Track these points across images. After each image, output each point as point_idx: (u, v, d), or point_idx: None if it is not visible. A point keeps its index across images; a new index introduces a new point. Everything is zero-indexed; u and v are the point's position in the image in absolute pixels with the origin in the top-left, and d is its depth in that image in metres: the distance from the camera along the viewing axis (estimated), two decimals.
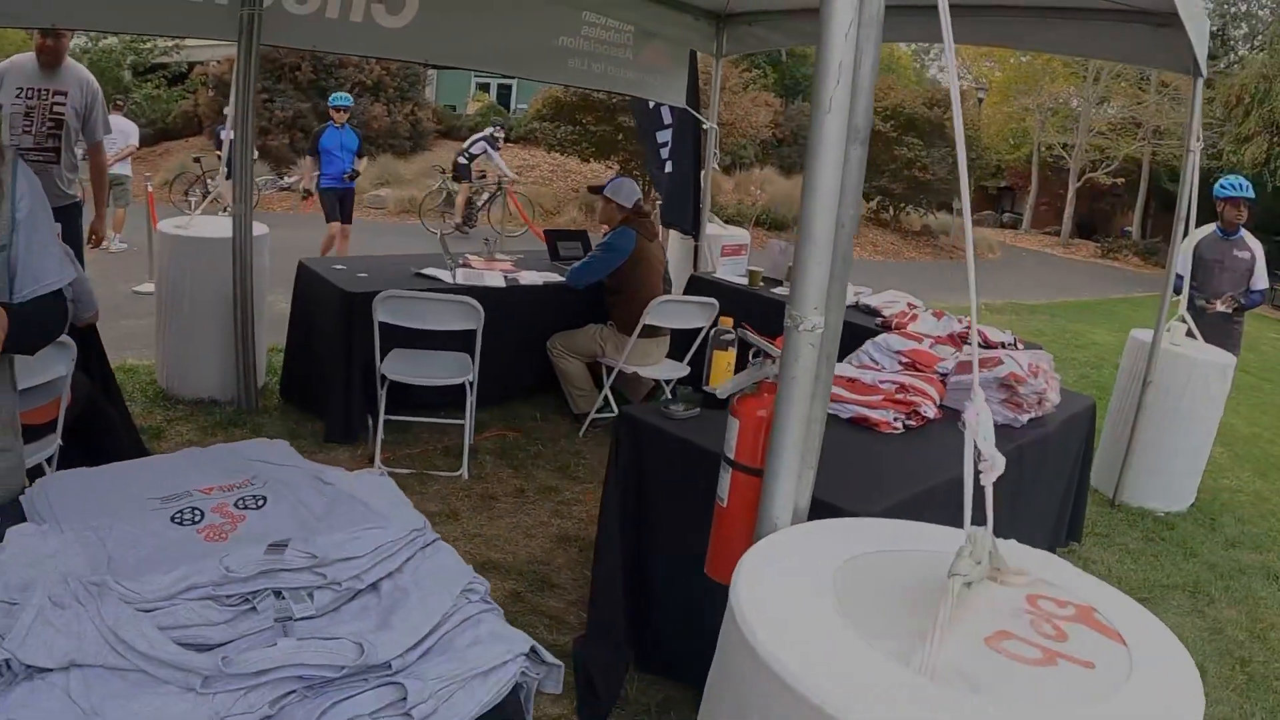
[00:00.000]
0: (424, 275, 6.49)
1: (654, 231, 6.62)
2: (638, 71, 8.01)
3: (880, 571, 1.87)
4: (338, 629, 1.61)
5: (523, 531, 4.97)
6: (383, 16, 6.41)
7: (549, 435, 6.42)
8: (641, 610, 3.71)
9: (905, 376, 4.05)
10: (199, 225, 6.68)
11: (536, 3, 6.91)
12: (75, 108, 5.87)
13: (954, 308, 6.33)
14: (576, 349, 6.55)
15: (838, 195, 1.91)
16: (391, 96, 25.71)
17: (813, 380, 1.99)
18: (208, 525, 1.92)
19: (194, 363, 6.44)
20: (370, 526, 1.85)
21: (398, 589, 1.72)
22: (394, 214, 21.41)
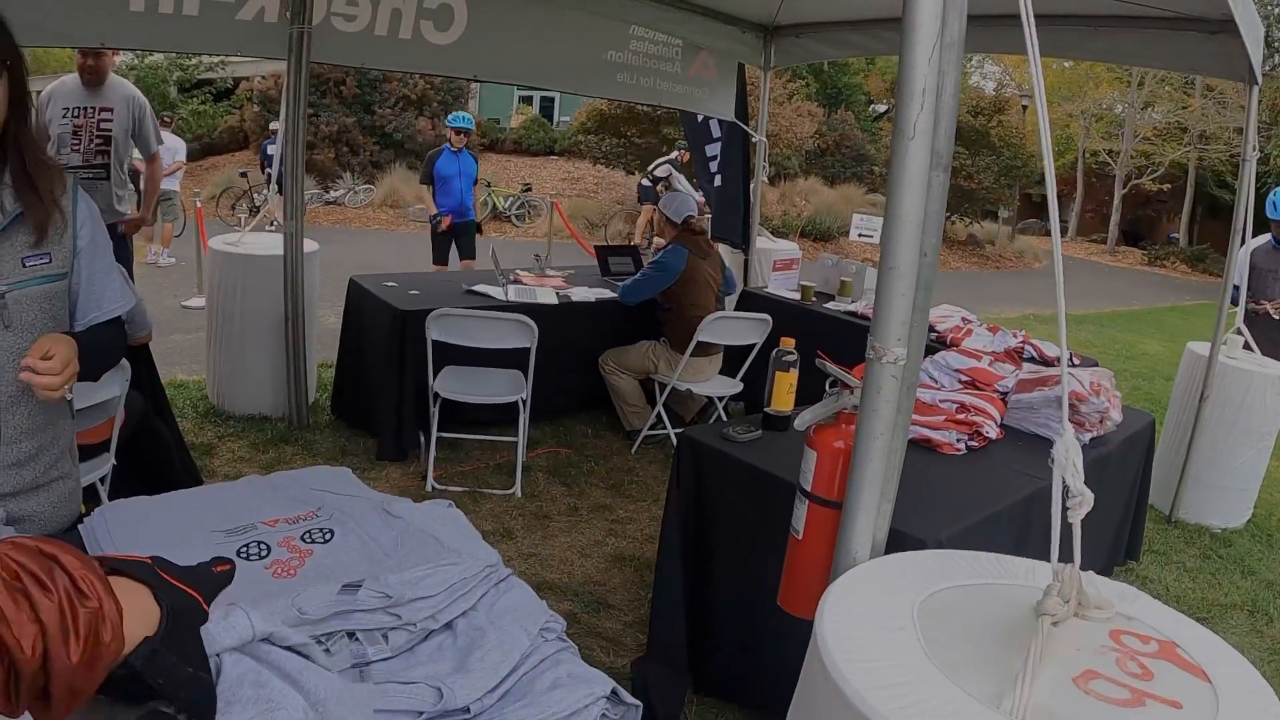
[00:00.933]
0: (475, 292, 6.50)
1: (707, 249, 6.57)
2: (686, 85, 8.00)
3: (963, 607, 1.82)
4: (414, 671, 1.57)
5: (578, 551, 4.95)
6: (431, 33, 6.43)
7: (601, 452, 6.40)
8: (702, 633, 3.67)
9: (966, 395, 3.99)
10: (249, 242, 6.71)
11: (584, 17, 6.89)
12: (123, 124, 5.90)
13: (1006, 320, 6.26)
14: (629, 365, 6.52)
15: (921, 223, 1.86)
16: (436, 110, 25.79)
17: (895, 412, 1.94)
18: (275, 560, 1.89)
19: (245, 379, 6.48)
20: (443, 563, 1.81)
21: (474, 628, 1.68)
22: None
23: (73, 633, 1.07)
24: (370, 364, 6.20)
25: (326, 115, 23.26)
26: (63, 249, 2.16)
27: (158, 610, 1.26)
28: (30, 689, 1.05)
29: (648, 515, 5.41)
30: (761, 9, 7.50)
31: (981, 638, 1.71)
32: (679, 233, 6.50)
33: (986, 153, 24.19)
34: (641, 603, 4.37)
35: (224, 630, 1.36)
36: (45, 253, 2.11)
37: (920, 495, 2.98)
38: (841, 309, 6.72)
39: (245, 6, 5.74)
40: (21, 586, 1.06)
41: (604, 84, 7.58)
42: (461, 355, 5.67)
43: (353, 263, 9.33)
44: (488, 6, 6.50)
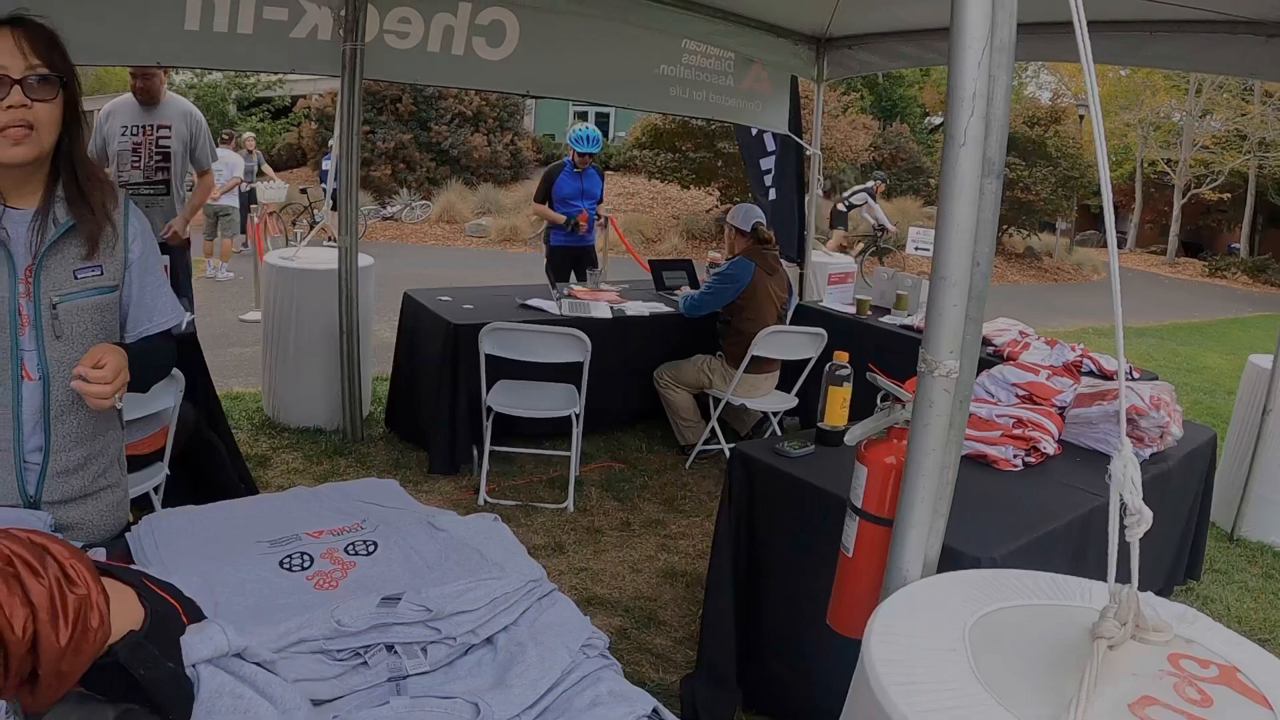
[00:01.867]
0: (529, 306, 6.51)
1: (775, 265, 6.52)
2: (739, 98, 8.02)
3: (1015, 629, 1.78)
4: (452, 686, 1.55)
5: (629, 566, 4.91)
6: (484, 49, 6.48)
7: (655, 467, 6.37)
8: (751, 649, 3.64)
9: (1023, 410, 3.92)
10: (305, 256, 6.76)
11: (636, 32, 6.91)
12: (181, 140, 5.97)
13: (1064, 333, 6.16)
14: (684, 380, 6.49)
15: (974, 232, 1.82)
16: (491, 127, 26.01)
17: (947, 427, 1.90)
18: (317, 572, 1.88)
19: (300, 391, 6.54)
20: (485, 577, 1.79)
21: (514, 643, 1.65)
22: (495, 242, 21.57)
23: (61, 616, 1.12)
24: (424, 378, 6.23)
25: (383, 132, 23.50)
26: (114, 261, 2.20)
27: (142, 609, 1.30)
28: (19, 670, 1.09)
29: (700, 531, 5.37)
30: (813, 20, 7.50)
31: (1034, 661, 1.67)
32: (748, 244, 6.46)
33: (1043, 163, 23.92)
34: (692, 619, 4.33)
35: (201, 641, 1.35)
36: (97, 264, 2.16)
37: (975, 512, 2.93)
38: (897, 323, 6.66)
39: (299, 24, 5.83)
40: (14, 571, 1.10)
41: (657, 98, 7.62)
42: (515, 369, 5.67)
43: (408, 277, 9.36)
44: (540, 22, 6.54)
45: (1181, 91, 31.72)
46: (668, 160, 21.78)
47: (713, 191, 23.08)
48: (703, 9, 6.94)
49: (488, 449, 5.56)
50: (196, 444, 4.51)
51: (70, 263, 2.12)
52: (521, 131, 27.98)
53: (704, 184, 22.87)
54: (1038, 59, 15.50)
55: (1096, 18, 5.74)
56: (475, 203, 23.60)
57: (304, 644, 1.57)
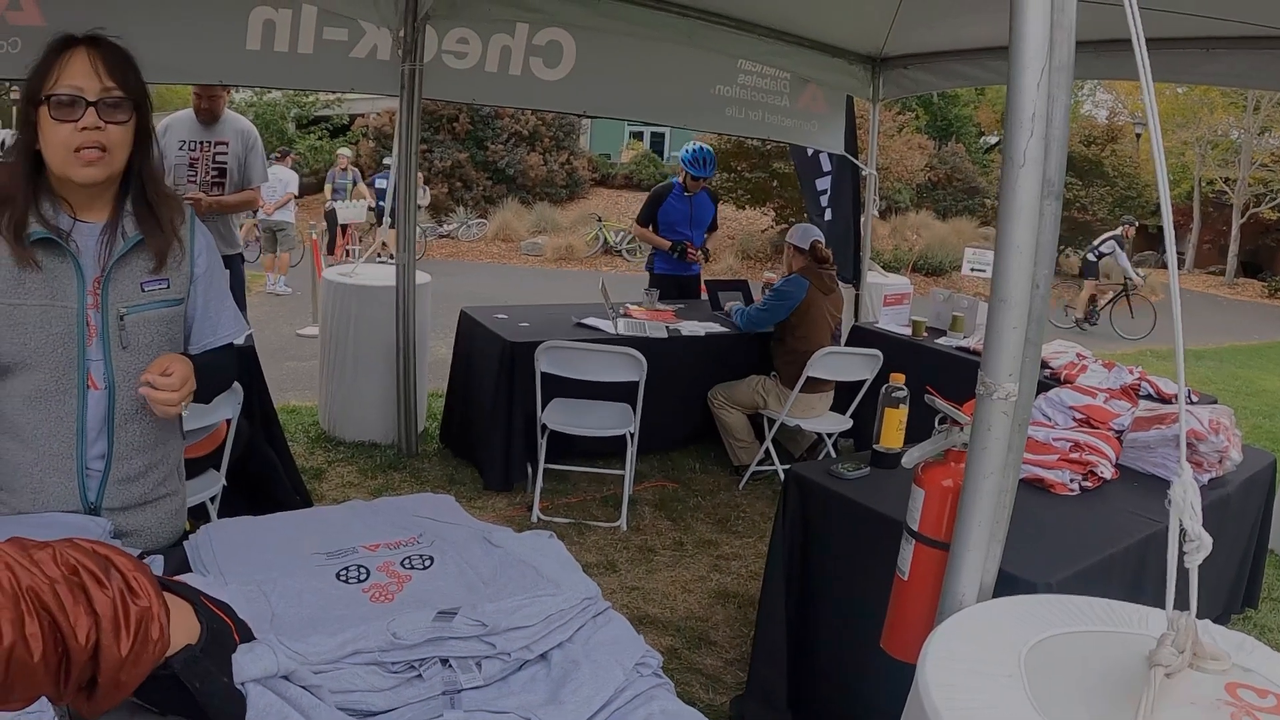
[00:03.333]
0: (585, 325, 6.52)
1: (831, 285, 6.50)
2: (795, 118, 8.02)
3: (1072, 655, 1.76)
4: (506, 701, 1.56)
5: (681, 586, 4.90)
6: (541, 70, 6.54)
7: (708, 487, 6.35)
8: (803, 672, 3.62)
9: (1080, 434, 3.88)
10: (363, 273, 6.83)
11: (692, 52, 6.94)
12: (238, 156, 6.03)
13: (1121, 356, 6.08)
14: (738, 400, 6.48)
15: (1033, 254, 1.81)
16: (547, 146, 26.14)
17: (1005, 450, 1.89)
18: (373, 584, 1.90)
19: (356, 406, 6.60)
20: (541, 593, 1.79)
21: (569, 660, 1.66)
22: (550, 260, 21.72)
23: (124, 627, 1.15)
24: (479, 394, 6.26)
25: (440, 151, 23.69)
26: (180, 275, 2.26)
27: (198, 625, 1.33)
28: (79, 678, 1.12)
29: (753, 552, 5.35)
30: (868, 40, 7.51)
31: (1091, 688, 1.65)
32: (805, 263, 6.43)
33: (1100, 183, 23.72)
34: (743, 640, 4.32)
35: (251, 661, 1.37)
36: (164, 278, 2.22)
37: (1031, 537, 2.90)
38: (953, 344, 6.61)
39: (359, 45, 5.92)
40: (79, 581, 1.13)
41: (713, 118, 7.63)
42: (570, 387, 5.69)
43: (464, 295, 9.42)
44: (596, 43, 6.58)
45: (1240, 109, 31.12)
46: (723, 180, 21.79)
47: (768, 212, 23.10)
48: (758, 29, 6.98)
49: (542, 466, 5.58)
50: (251, 457, 4.56)
51: (137, 276, 2.17)
52: (577, 151, 28.10)
53: (759, 204, 22.92)
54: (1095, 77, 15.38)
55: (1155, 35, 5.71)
56: (531, 221, 23.74)
57: (359, 655, 1.58)
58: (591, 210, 24.95)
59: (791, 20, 7.01)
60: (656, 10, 6.47)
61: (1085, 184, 23.41)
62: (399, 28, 5.81)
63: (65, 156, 2.00)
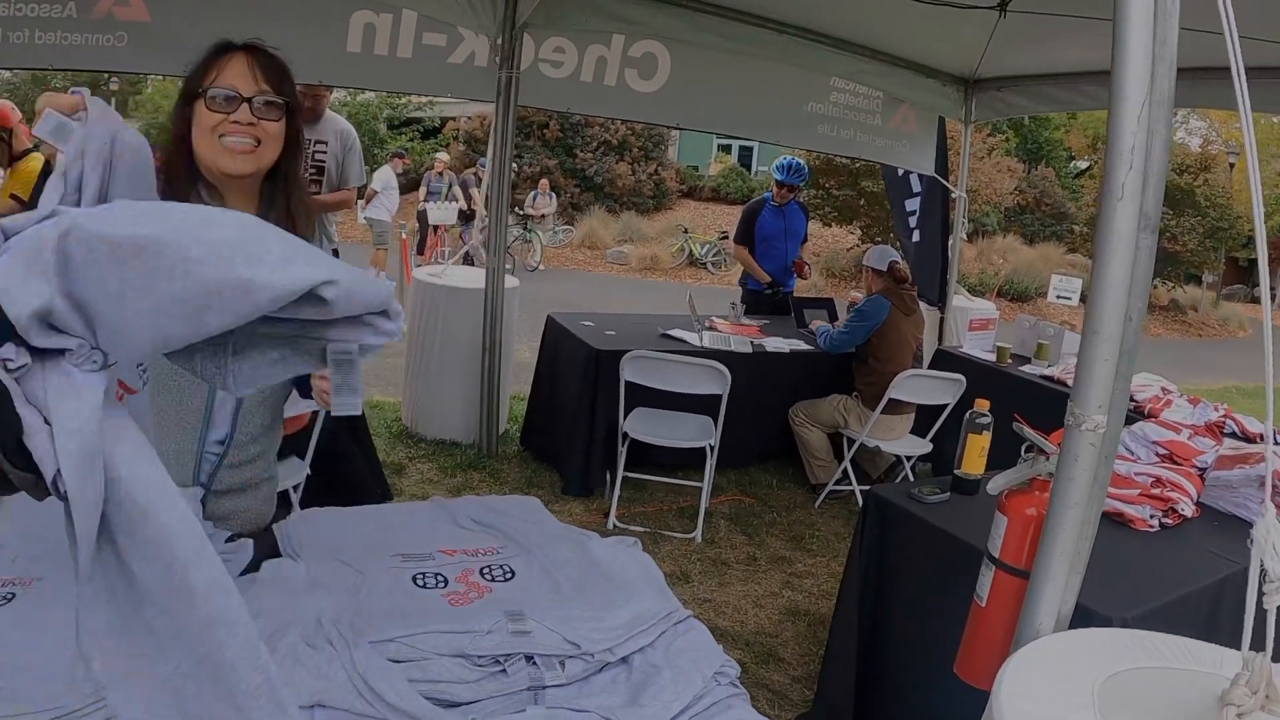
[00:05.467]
0: (671, 336, 6.55)
1: (911, 305, 6.47)
2: (887, 138, 8.02)
3: (1145, 691, 1.76)
4: (586, 700, 1.59)
5: (752, 600, 4.90)
6: (636, 81, 6.60)
7: (784, 504, 6.34)
8: (871, 693, 3.60)
9: (1162, 470, 3.83)
10: (453, 274, 6.92)
11: (786, 69, 6.97)
12: (335, 157, 6.12)
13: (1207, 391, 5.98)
14: (819, 419, 6.46)
15: (1128, 287, 1.81)
16: (636, 156, 26.26)
17: (1090, 482, 1.89)
18: (451, 592, 1.93)
19: (439, 404, 6.69)
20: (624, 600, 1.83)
21: (649, 665, 1.69)
22: (635, 270, 21.85)
23: None
24: (563, 400, 6.32)
25: (529, 156, 23.90)
26: None
27: None
28: None
29: (826, 571, 5.34)
30: (962, 62, 7.47)
31: None
32: (885, 284, 6.41)
33: (1191, 213, 23.28)
34: (811, 658, 4.32)
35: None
36: None
37: (1108, 571, 2.87)
38: (1037, 372, 6.53)
39: (456, 51, 6.03)
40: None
41: (805, 135, 7.64)
42: (652, 397, 5.71)
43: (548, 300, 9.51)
44: (691, 56, 6.62)
45: None
46: (811, 196, 21.73)
47: (854, 230, 22.94)
48: (853, 47, 6.99)
49: (621, 474, 5.63)
50: (334, 450, 4.64)
51: None
52: (666, 161, 28.22)
53: (846, 222, 22.77)
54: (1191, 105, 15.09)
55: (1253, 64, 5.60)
56: (617, 230, 23.85)
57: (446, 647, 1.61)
58: (678, 221, 25.00)
59: (886, 39, 7.01)
60: (752, 26, 6.49)
61: (1176, 213, 22.96)
62: (497, 35, 5.89)
63: (214, 144, 2.09)
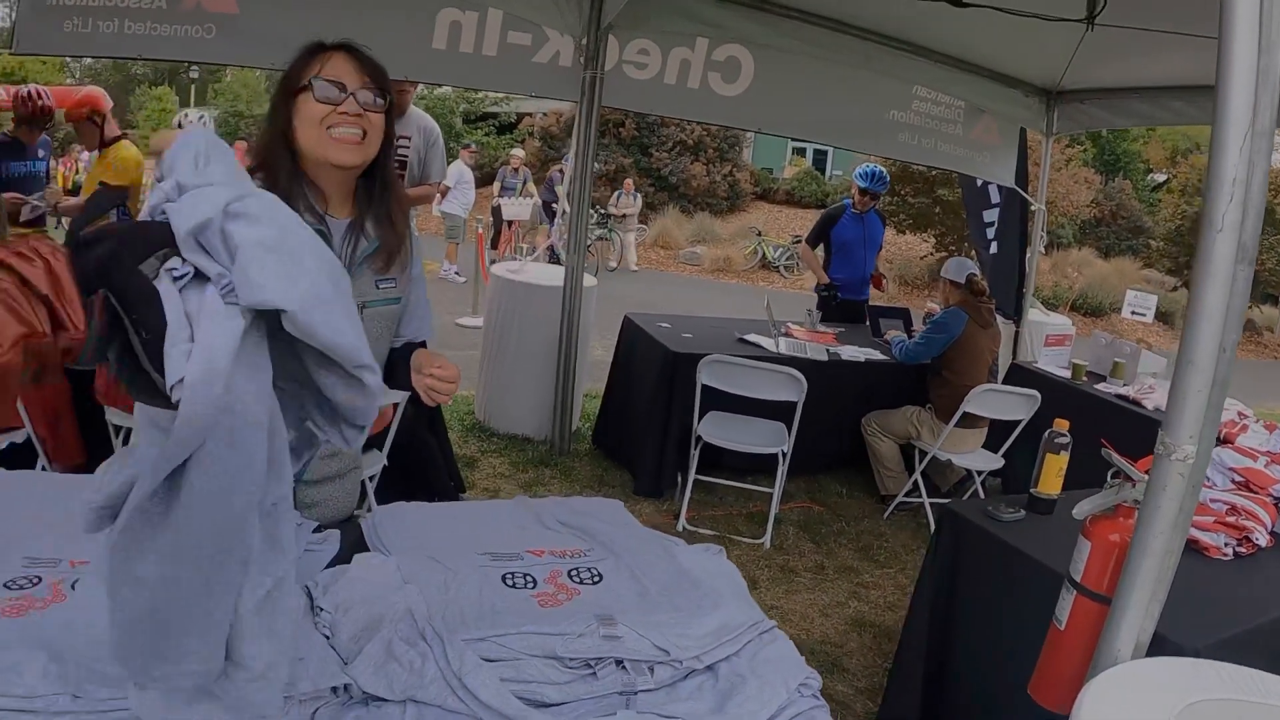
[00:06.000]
0: (747, 341, 6.57)
1: (989, 319, 6.44)
2: (967, 148, 8.00)
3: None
4: (674, 706, 1.62)
5: (819, 610, 4.91)
6: (719, 85, 6.65)
7: (853, 513, 6.35)
8: (937, 707, 3.61)
9: (1238, 497, 3.79)
10: (529, 271, 7.01)
11: (869, 76, 6.97)
12: (418, 151, 6.18)
13: None
14: (891, 429, 6.45)
15: (1223, 319, 1.81)
16: (711, 157, 26.28)
17: (1176, 512, 1.90)
18: (540, 593, 1.96)
19: (513, 399, 6.79)
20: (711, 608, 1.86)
21: (735, 674, 1.72)
22: (708, 271, 21.89)
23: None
24: (637, 400, 6.37)
25: (605, 155, 24.00)
26: (404, 276, 2.45)
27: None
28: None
29: (893, 584, 5.33)
30: (1045, 73, 7.43)
31: None
32: (962, 296, 6.38)
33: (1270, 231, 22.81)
34: (876, 670, 4.32)
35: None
36: (392, 278, 2.40)
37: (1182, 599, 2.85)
38: (1112, 391, 6.45)
39: (541, 50, 6.13)
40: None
41: (886, 143, 7.66)
42: (725, 401, 5.73)
43: (621, 299, 9.55)
44: (775, 61, 6.65)
45: None
46: (886, 204, 21.64)
47: (928, 239, 22.83)
48: (935, 55, 6.99)
49: (692, 477, 5.65)
50: (412, 443, 4.71)
51: (373, 273, 2.35)
52: (740, 163, 28.20)
53: (921, 230, 22.67)
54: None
55: None
56: (691, 230, 23.89)
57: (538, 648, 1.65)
58: (751, 224, 25.02)
59: (969, 48, 7.00)
60: (835, 31, 6.50)
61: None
62: (582, 35, 5.95)
63: (321, 136, 2.15)
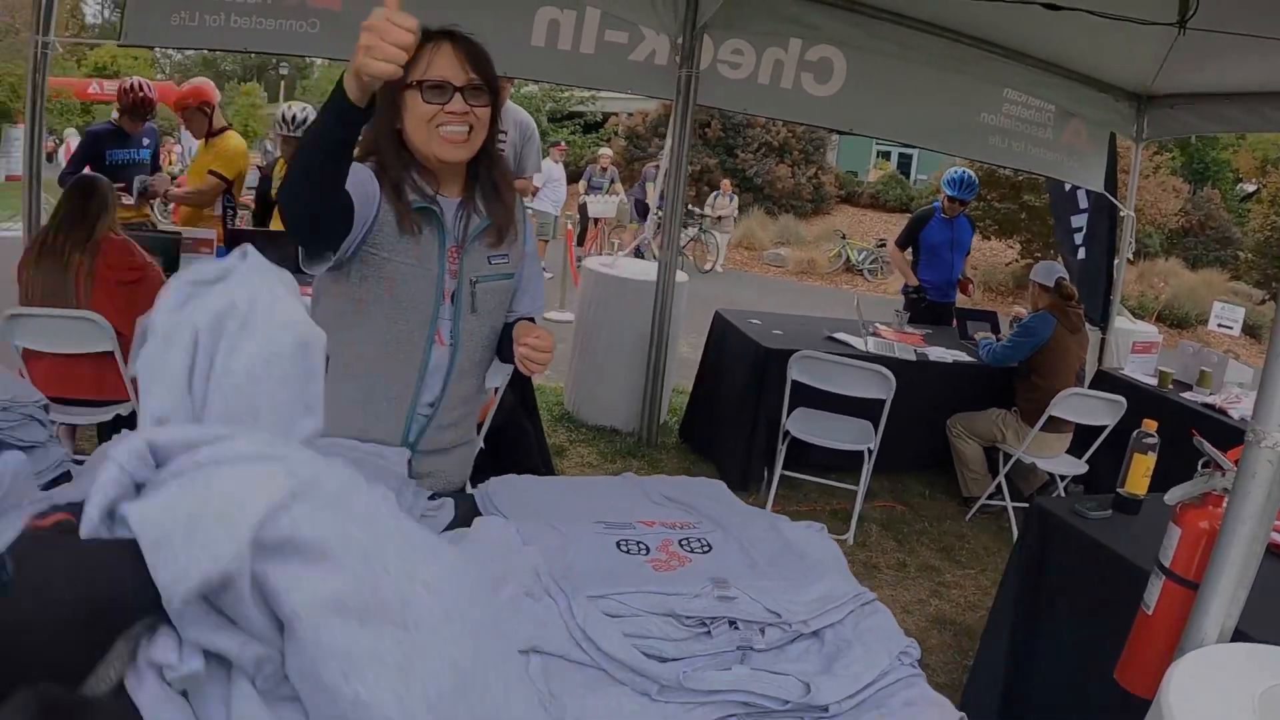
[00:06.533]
0: (836, 339, 6.65)
1: (1077, 324, 6.45)
2: (1057, 153, 7.98)
3: None
4: (784, 666, 1.70)
5: (900, 606, 4.97)
6: (811, 85, 6.71)
7: (935, 514, 6.41)
8: (1017, 702, 3.68)
9: None
10: (622, 265, 7.16)
11: (959, 79, 7.02)
12: (513, 146, 6.31)
13: None
14: (976, 431, 6.50)
15: None
16: (796, 159, 26.26)
17: (1265, 498, 1.97)
18: (654, 559, 2.05)
19: (602, 391, 6.95)
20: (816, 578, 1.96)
21: (840, 640, 1.81)
22: (792, 273, 21.92)
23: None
24: (726, 394, 6.48)
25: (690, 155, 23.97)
26: (515, 252, 2.57)
27: None
28: None
29: (974, 584, 5.39)
30: (1136, 77, 7.38)
31: None
32: (1052, 301, 6.41)
33: None
34: (955, 668, 4.39)
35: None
36: (505, 253, 2.53)
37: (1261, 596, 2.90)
38: (1199, 400, 6.44)
39: (638, 49, 6.25)
40: None
41: (977, 146, 7.65)
42: (811, 398, 5.81)
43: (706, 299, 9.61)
44: (867, 63, 6.72)
45: None
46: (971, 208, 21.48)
47: (1014, 244, 22.67)
48: (1027, 59, 7.02)
49: (779, 471, 5.74)
50: (510, 426, 4.85)
51: (485, 250, 2.48)
52: (825, 166, 28.16)
53: (1006, 235, 22.48)
54: None
55: None
56: (775, 232, 23.93)
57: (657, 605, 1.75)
58: (835, 226, 24.97)
59: (1060, 52, 7.01)
60: (927, 34, 6.58)
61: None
62: (677, 35, 6.08)
63: (430, 134, 2.28)
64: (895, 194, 28.24)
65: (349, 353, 2.41)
